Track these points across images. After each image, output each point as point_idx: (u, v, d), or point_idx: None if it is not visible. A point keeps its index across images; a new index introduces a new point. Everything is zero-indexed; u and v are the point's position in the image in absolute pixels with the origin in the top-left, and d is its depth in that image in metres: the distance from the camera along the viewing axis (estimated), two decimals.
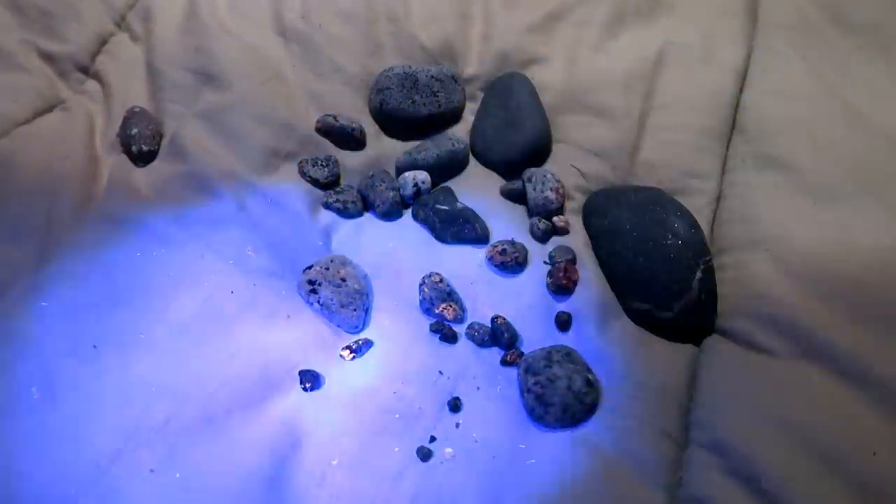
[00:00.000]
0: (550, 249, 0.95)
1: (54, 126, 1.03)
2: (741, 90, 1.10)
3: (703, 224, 0.94)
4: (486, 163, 1.05)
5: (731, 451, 0.75)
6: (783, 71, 1.10)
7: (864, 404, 0.74)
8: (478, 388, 0.82)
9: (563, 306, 0.90)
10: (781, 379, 0.78)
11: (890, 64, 1.10)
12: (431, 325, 0.88)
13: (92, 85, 1.11)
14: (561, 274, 0.91)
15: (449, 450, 0.76)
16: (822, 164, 0.97)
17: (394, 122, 1.07)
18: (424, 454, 0.76)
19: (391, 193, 0.98)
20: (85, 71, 1.12)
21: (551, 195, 0.97)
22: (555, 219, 0.97)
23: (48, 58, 1.11)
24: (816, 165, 0.97)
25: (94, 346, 0.80)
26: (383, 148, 1.07)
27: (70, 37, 1.13)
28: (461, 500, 0.73)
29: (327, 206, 0.99)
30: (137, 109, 1.04)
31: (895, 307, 0.80)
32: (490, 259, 0.93)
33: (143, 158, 0.99)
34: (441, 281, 0.90)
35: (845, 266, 0.85)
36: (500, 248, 0.93)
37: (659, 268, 0.86)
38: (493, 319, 0.87)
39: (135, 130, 1.00)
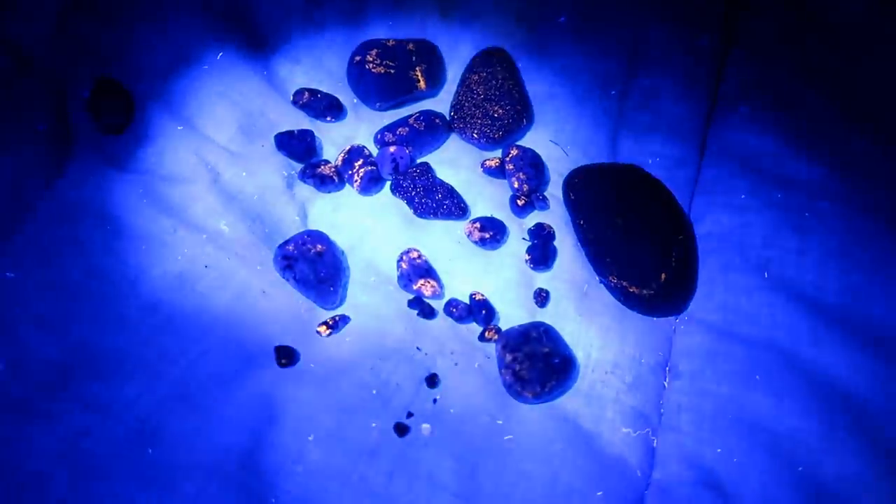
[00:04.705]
0: (530, 225, 0.95)
1: None
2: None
3: (683, 200, 0.94)
4: (466, 138, 1.03)
5: (701, 433, 0.75)
6: None
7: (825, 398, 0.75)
8: (455, 364, 0.82)
9: (541, 282, 0.90)
10: (749, 357, 0.79)
11: None
12: (409, 302, 0.87)
13: None
14: (539, 250, 0.90)
15: (426, 426, 0.76)
16: None
17: (373, 96, 1.05)
18: (401, 430, 0.76)
19: (369, 168, 0.97)
20: None
21: (531, 171, 0.96)
22: (534, 195, 0.96)
23: None
24: None
25: (64, 320, 0.78)
26: (362, 122, 1.05)
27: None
28: (438, 476, 0.73)
29: (304, 180, 0.97)
30: (108, 79, 1.01)
31: None
32: (469, 235, 0.92)
33: (114, 130, 0.96)
34: (419, 257, 0.89)
35: None
36: (479, 224, 0.92)
37: (638, 244, 0.86)
38: (472, 296, 0.87)
39: (106, 101, 0.97)
